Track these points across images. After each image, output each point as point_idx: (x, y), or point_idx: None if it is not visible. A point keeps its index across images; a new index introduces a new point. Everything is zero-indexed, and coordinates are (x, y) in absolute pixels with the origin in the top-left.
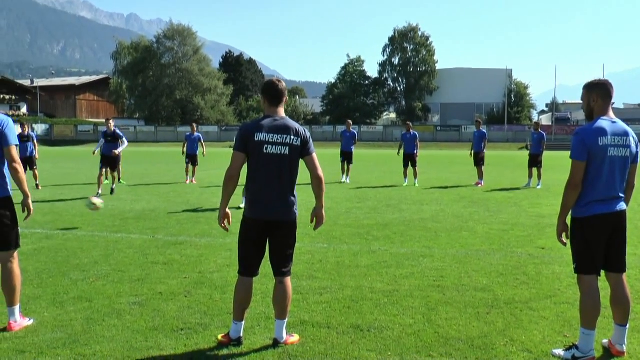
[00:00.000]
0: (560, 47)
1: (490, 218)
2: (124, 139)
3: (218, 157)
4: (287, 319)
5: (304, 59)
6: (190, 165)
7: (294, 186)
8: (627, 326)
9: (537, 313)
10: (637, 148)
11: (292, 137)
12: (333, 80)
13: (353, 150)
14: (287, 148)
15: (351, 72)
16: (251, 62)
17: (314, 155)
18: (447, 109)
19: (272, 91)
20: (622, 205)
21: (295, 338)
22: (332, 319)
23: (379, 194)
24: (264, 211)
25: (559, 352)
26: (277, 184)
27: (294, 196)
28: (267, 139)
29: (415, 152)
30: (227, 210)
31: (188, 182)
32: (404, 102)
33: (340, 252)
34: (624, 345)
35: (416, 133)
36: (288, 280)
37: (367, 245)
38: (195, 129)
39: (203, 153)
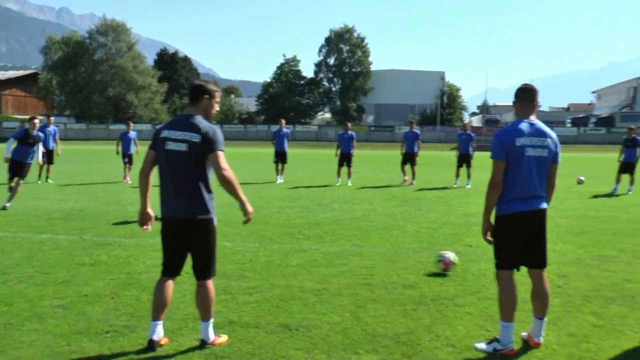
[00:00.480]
0: (492, 52)
1: (420, 217)
2: (43, 143)
3: None
4: (212, 320)
5: (240, 57)
6: (127, 164)
7: (204, 184)
8: (545, 319)
9: (462, 309)
10: (556, 149)
11: (192, 133)
12: (269, 80)
13: (287, 149)
14: (186, 144)
15: (287, 72)
16: (186, 60)
17: (219, 153)
18: (381, 110)
19: (189, 90)
20: (543, 204)
21: (223, 339)
22: (261, 318)
23: (311, 193)
24: (170, 209)
25: (481, 345)
26: (175, 181)
27: (204, 195)
28: (169, 136)
29: (352, 151)
30: (148, 210)
31: (128, 181)
32: (338, 102)
33: (271, 251)
34: (540, 337)
35: (353, 133)
36: (209, 284)
37: (298, 244)
38: (131, 127)
39: (137, 152)
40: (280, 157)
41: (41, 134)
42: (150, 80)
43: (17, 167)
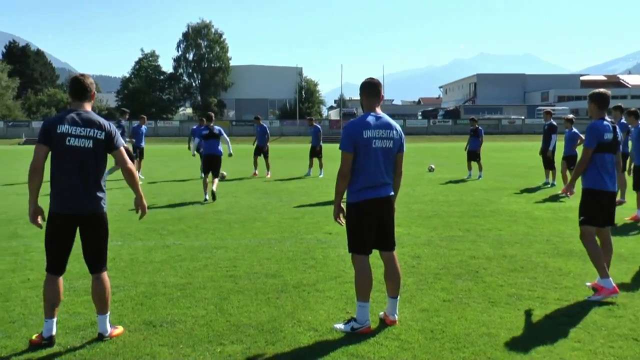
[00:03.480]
0: (347, 47)
1: (282, 207)
2: None
3: (4, 154)
4: (109, 313)
5: (97, 51)
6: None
7: (102, 180)
8: (398, 298)
9: (323, 294)
10: (401, 139)
11: (97, 130)
12: (128, 75)
13: (144, 145)
14: (91, 141)
15: (146, 67)
16: (39, 53)
17: (122, 149)
18: (242, 105)
19: (76, 86)
20: (390, 191)
21: (119, 330)
22: (124, 317)
23: (174, 189)
24: (70, 205)
25: (340, 326)
26: (81, 177)
27: (102, 189)
28: (69, 131)
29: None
30: (39, 205)
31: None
32: (199, 98)
33: (134, 248)
34: (395, 315)
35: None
36: (104, 275)
37: (161, 240)
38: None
39: None
40: (139, 153)
41: None
42: None
43: None
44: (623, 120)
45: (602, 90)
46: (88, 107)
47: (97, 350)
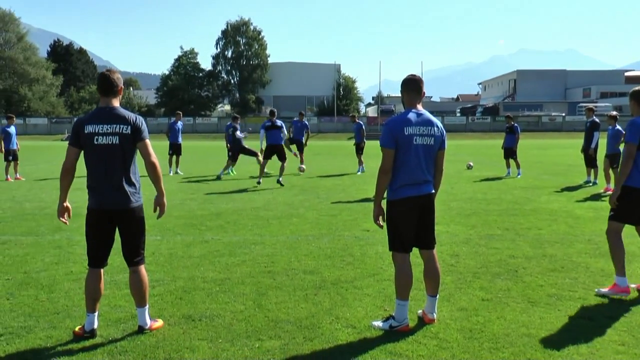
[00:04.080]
0: (385, 45)
1: (319, 204)
2: None
3: (48, 150)
4: (147, 306)
5: (138, 49)
6: (12, 161)
7: (133, 174)
8: (437, 297)
9: (361, 291)
10: (442, 136)
11: (122, 125)
12: (167, 72)
13: (181, 142)
14: (117, 137)
15: (185, 64)
16: (82, 51)
17: (147, 142)
18: (280, 101)
19: (102, 82)
20: (430, 189)
21: (159, 323)
22: (164, 311)
23: (212, 185)
24: (102, 201)
25: (378, 323)
26: (111, 174)
27: (134, 184)
28: (96, 130)
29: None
30: (66, 203)
31: (10, 179)
32: (237, 95)
33: (174, 243)
34: (434, 314)
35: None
36: (142, 269)
37: (200, 236)
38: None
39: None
40: (175, 150)
41: None
42: (44, 73)
43: None
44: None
45: None
46: (116, 102)
47: (138, 342)
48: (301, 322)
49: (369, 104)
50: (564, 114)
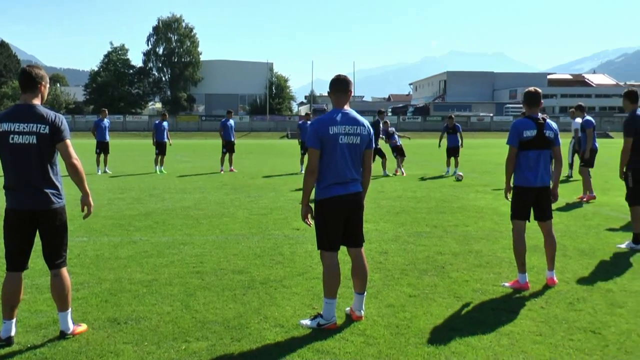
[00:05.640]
0: (319, 44)
1: (250, 203)
2: None
3: None
4: (70, 310)
5: (65, 44)
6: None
7: (54, 174)
8: (365, 294)
9: (289, 290)
10: (369, 135)
11: (40, 125)
12: (96, 68)
13: (108, 140)
14: (35, 137)
15: (115, 61)
16: (3, 45)
17: (67, 142)
18: (212, 100)
19: (22, 78)
20: (358, 187)
21: (82, 327)
22: (88, 314)
23: (142, 184)
24: (20, 201)
25: (306, 322)
26: (29, 175)
27: (54, 185)
28: (12, 129)
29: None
30: None
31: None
32: (169, 92)
33: (100, 244)
34: (362, 311)
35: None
36: (64, 271)
37: (128, 236)
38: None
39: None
40: (103, 148)
41: None
42: None
43: None
44: (588, 118)
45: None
46: (36, 100)
47: (59, 348)
48: (229, 323)
49: (302, 103)
50: (491, 115)
